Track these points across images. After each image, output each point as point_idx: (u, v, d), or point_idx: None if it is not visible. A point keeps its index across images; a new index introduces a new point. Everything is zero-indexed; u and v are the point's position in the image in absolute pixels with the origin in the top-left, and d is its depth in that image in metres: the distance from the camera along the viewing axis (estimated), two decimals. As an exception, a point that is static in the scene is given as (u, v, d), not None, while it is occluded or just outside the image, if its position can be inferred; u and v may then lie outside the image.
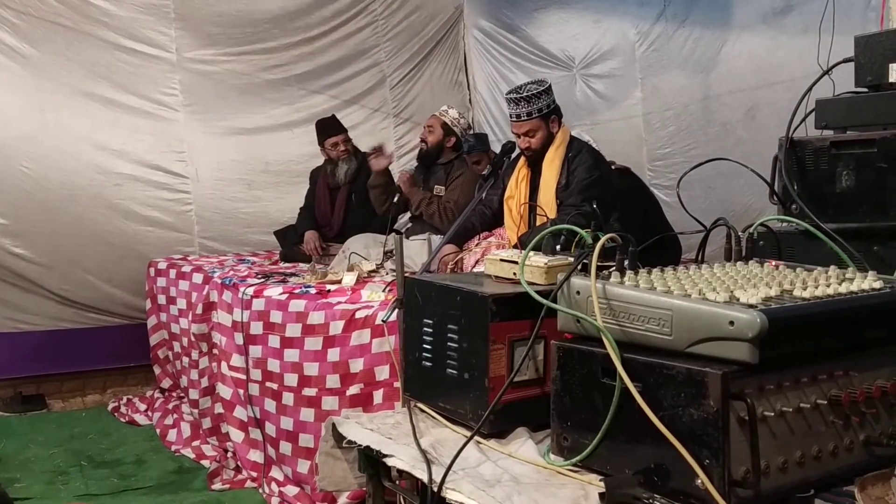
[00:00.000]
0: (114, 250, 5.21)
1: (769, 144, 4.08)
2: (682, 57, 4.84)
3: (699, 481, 1.38)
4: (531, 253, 1.94)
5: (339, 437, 2.07)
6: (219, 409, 3.97)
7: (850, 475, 1.54)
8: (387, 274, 3.93)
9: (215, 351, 3.99)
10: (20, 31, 5.05)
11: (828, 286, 1.63)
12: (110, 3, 5.26)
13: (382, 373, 3.23)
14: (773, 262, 1.87)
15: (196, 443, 4.21)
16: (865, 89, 2.23)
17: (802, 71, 3.99)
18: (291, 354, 3.48)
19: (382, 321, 2.88)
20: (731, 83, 4.60)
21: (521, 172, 3.85)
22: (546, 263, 1.92)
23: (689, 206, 4.24)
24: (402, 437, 1.93)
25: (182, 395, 4.70)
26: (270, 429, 3.61)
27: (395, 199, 4.44)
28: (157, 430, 4.53)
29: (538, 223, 3.69)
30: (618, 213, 3.61)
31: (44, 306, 5.12)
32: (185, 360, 4.44)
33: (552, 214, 3.60)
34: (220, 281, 4.07)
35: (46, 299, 5.11)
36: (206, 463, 4.00)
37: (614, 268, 1.70)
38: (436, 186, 4.54)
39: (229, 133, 5.68)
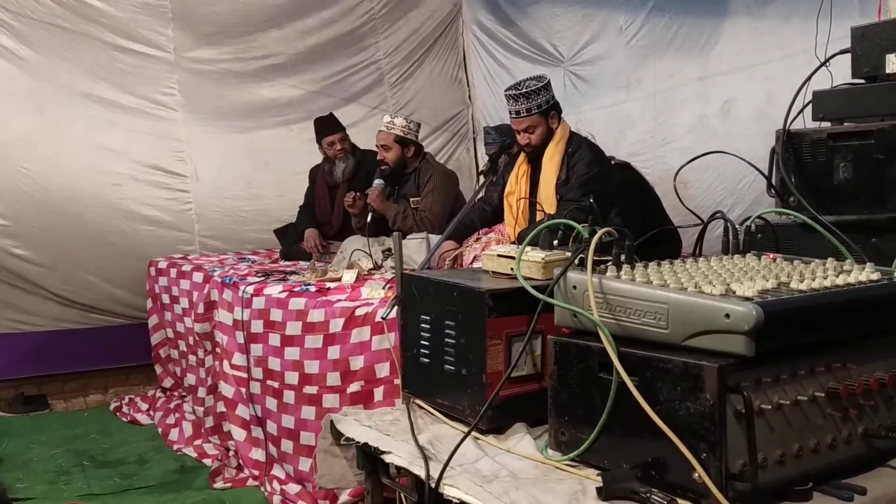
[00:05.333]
0: (114, 250, 5.21)
1: (744, 139, 4.12)
2: (665, 49, 4.84)
3: (696, 475, 1.38)
4: (528, 248, 1.94)
5: (337, 435, 2.07)
6: (221, 407, 3.97)
7: (848, 468, 1.54)
8: (386, 272, 3.93)
9: (218, 350, 3.99)
10: (18, 33, 5.04)
11: (825, 278, 1.63)
12: (107, 4, 5.24)
13: (383, 370, 3.23)
14: (771, 255, 1.87)
15: (198, 442, 4.22)
16: (862, 80, 2.22)
17: (784, 62, 3.99)
18: (292, 352, 3.48)
19: (382, 318, 2.88)
20: (711, 75, 4.59)
21: (520, 168, 3.85)
22: (543, 258, 1.91)
23: (662, 201, 4.25)
24: (400, 433, 1.93)
25: (184, 394, 4.70)
26: (272, 427, 3.61)
27: (369, 217, 4.35)
28: (159, 430, 4.53)
29: (538, 219, 3.68)
30: (618, 207, 3.61)
31: (45, 307, 5.12)
32: (193, 358, 4.44)
33: (552, 210, 3.59)
34: (220, 280, 4.07)
35: (47, 300, 5.11)
36: (207, 462, 4.00)
37: (611, 262, 1.70)
38: (411, 199, 4.50)
39: (228, 132, 5.67)
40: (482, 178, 3.94)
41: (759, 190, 3.72)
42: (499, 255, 2.03)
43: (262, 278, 3.96)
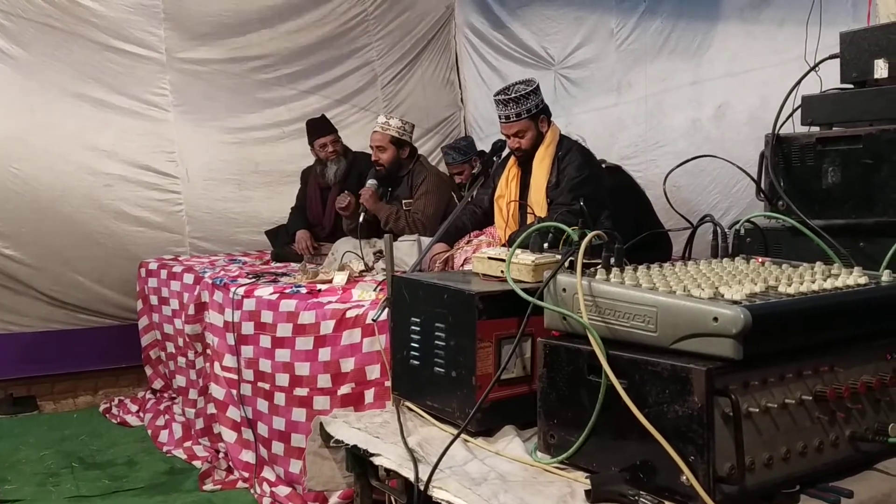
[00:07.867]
0: (104, 251, 5.20)
1: (738, 143, 4.14)
2: (657, 53, 4.86)
3: (684, 478, 1.39)
4: (518, 251, 1.94)
5: (326, 437, 2.07)
6: (211, 409, 3.96)
7: (835, 471, 1.55)
8: (377, 273, 3.93)
9: (208, 351, 3.98)
10: (9, 32, 5.03)
11: (813, 282, 1.64)
12: (99, 4, 5.24)
13: (373, 372, 3.23)
14: (760, 259, 1.88)
15: (188, 443, 4.20)
16: (851, 85, 2.24)
17: (778, 67, 4.01)
18: (283, 354, 3.47)
19: (373, 320, 2.88)
20: (704, 79, 4.61)
21: (511, 172, 3.85)
22: (533, 261, 1.92)
23: (654, 204, 4.27)
24: (389, 435, 1.93)
25: (174, 395, 4.68)
26: (262, 429, 3.60)
27: (361, 218, 4.33)
28: (149, 431, 4.51)
29: (528, 222, 3.69)
30: (608, 211, 3.62)
31: (35, 307, 5.10)
32: (182, 360, 4.42)
33: (542, 213, 3.60)
34: (210, 281, 4.05)
35: (37, 300, 5.09)
36: (197, 464, 3.99)
37: (600, 265, 1.70)
38: (404, 201, 4.49)
39: (220, 133, 5.66)
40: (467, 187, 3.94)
41: (753, 194, 3.74)
42: (489, 258, 2.04)
43: (253, 280, 3.95)
